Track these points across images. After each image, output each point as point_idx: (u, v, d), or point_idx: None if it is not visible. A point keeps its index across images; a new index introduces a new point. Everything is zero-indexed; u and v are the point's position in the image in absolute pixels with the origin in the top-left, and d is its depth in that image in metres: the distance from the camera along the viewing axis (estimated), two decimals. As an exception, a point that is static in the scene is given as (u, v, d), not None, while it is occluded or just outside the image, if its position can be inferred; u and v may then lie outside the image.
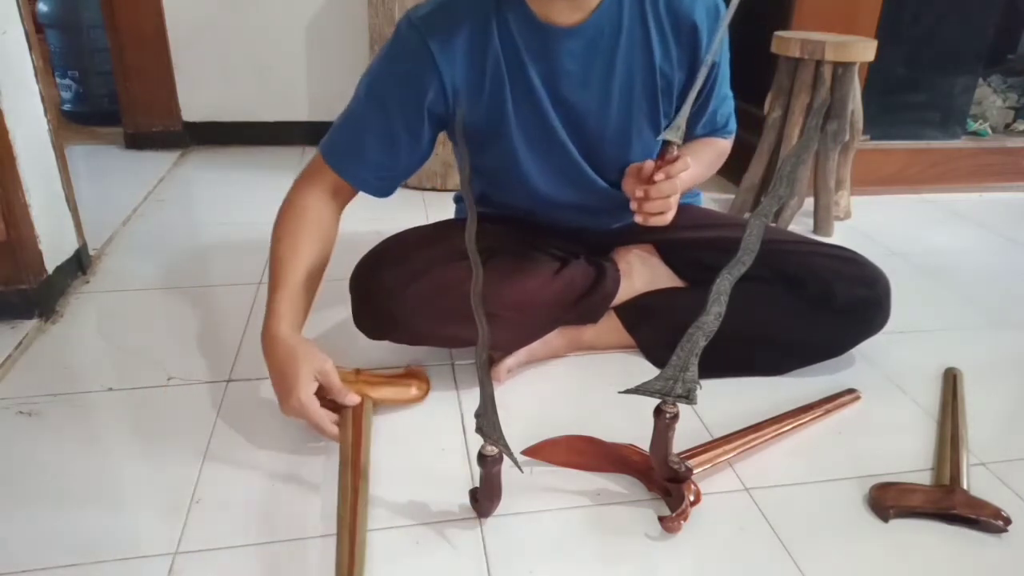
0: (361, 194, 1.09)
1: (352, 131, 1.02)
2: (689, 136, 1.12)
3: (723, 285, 0.82)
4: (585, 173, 1.07)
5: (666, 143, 0.94)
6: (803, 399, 1.10)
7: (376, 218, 1.83)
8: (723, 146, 1.18)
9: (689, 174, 0.97)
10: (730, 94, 1.15)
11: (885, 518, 0.88)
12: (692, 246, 1.19)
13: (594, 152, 1.05)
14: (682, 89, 1.04)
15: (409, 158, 1.04)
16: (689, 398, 0.80)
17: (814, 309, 1.12)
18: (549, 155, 1.04)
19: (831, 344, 1.18)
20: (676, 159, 0.93)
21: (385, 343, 1.09)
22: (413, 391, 1.09)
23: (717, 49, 0.95)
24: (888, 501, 0.89)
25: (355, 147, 1.02)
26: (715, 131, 1.16)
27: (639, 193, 0.94)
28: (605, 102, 1.01)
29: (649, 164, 0.95)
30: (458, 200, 1.34)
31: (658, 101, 1.02)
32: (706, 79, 0.98)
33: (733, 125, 1.19)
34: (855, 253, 1.16)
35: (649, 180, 0.94)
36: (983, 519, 0.87)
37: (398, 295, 1.01)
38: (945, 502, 0.89)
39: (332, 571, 0.78)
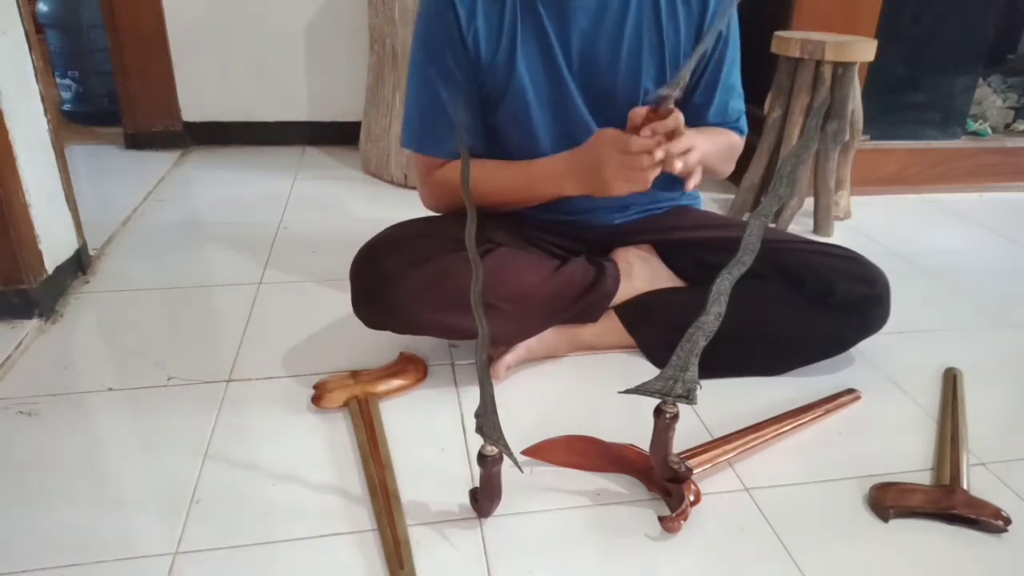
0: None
1: (418, 113, 1.08)
2: (700, 123, 1.13)
3: (723, 285, 0.82)
4: (588, 126, 1.08)
5: (661, 98, 0.90)
6: (803, 399, 1.10)
7: (376, 216, 1.83)
8: (736, 140, 1.19)
9: (703, 151, 0.97)
10: (739, 89, 1.16)
11: (885, 518, 0.88)
12: (692, 246, 1.19)
13: (604, 110, 1.07)
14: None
15: (473, 115, 1.08)
16: (689, 398, 0.80)
17: (814, 307, 1.12)
18: (561, 111, 1.07)
19: (831, 342, 1.18)
20: (669, 113, 0.92)
21: (381, 340, 1.09)
22: (412, 376, 1.11)
23: (726, 17, 0.96)
24: (888, 501, 0.89)
25: (428, 127, 1.07)
26: (726, 124, 1.17)
27: (659, 153, 0.92)
28: (614, 60, 1.04)
29: (639, 111, 0.94)
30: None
31: (665, 65, 1.05)
32: (713, 47, 0.99)
33: (744, 125, 1.20)
34: (855, 252, 1.16)
35: (637, 130, 0.93)
36: (983, 519, 0.87)
37: (398, 281, 1.01)
38: (945, 502, 0.89)
39: (331, 571, 0.78)
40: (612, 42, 1.03)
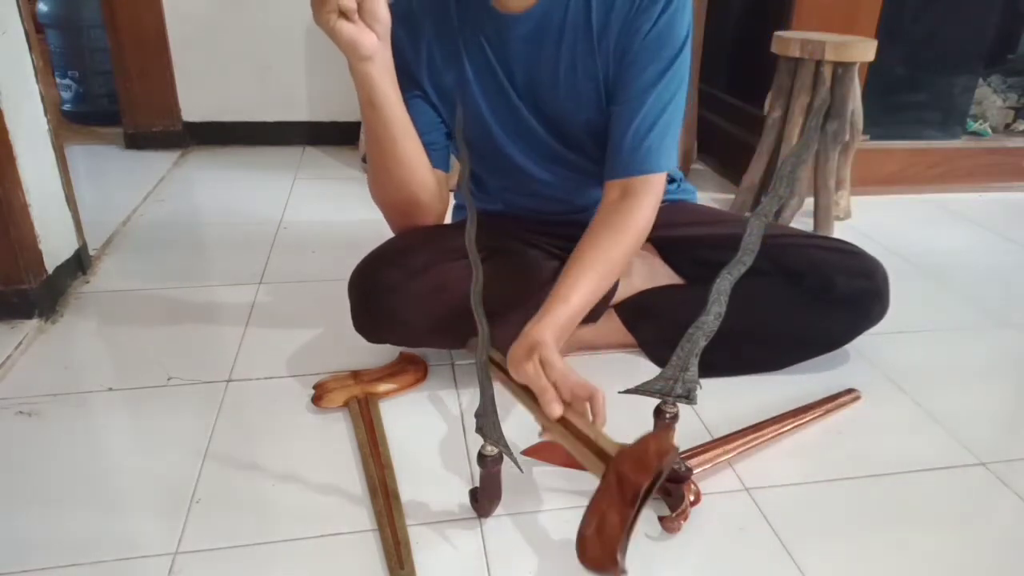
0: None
1: None
2: (614, 155, 0.99)
3: (723, 285, 0.82)
4: (549, 143, 1.08)
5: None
6: (803, 399, 1.10)
7: (377, 219, 1.83)
8: (634, 229, 0.98)
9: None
10: (674, 131, 1.00)
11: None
12: (691, 243, 1.19)
13: (553, 123, 1.07)
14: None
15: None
16: (689, 398, 0.80)
17: (813, 302, 1.11)
18: (516, 127, 1.06)
19: (831, 337, 1.17)
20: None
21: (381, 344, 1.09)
22: (412, 376, 1.12)
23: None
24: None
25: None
26: (631, 172, 0.98)
27: None
28: (553, 82, 1.02)
29: None
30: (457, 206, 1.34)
31: (599, 85, 1.02)
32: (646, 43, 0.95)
33: (669, 172, 1.03)
34: (853, 245, 1.16)
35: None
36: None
37: (398, 294, 1.01)
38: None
39: (331, 571, 0.78)
40: (550, 67, 1.01)
